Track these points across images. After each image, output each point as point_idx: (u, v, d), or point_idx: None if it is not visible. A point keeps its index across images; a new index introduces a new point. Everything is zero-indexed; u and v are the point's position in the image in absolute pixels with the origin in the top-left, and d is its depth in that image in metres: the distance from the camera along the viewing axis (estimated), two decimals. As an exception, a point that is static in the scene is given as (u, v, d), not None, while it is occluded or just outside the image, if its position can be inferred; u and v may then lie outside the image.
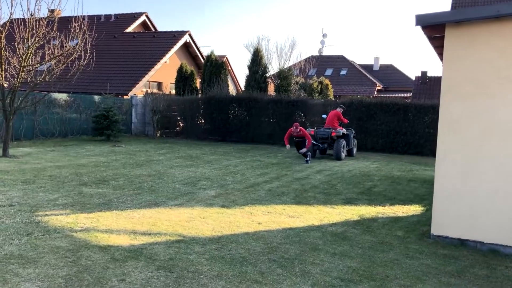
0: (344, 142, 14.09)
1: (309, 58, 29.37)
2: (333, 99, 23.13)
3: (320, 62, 38.71)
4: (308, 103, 18.49)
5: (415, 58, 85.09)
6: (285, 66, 22.20)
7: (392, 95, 31.49)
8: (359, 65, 43.61)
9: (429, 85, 29.12)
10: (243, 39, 48.10)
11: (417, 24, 5.72)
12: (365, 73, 40.98)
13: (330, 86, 23.73)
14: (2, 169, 9.70)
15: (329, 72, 40.46)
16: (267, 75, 21.68)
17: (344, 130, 14.19)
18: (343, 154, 14.08)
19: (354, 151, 15.42)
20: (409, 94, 32.18)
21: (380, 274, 4.54)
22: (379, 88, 39.40)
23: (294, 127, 13.26)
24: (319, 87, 22.85)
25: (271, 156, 14.32)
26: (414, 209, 7.66)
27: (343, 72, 41.25)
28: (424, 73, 29.88)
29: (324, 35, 46.18)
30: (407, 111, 16.94)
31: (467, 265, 4.95)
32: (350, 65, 42.37)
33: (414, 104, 17.25)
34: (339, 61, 42.74)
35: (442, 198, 5.74)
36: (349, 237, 5.77)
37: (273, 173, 10.82)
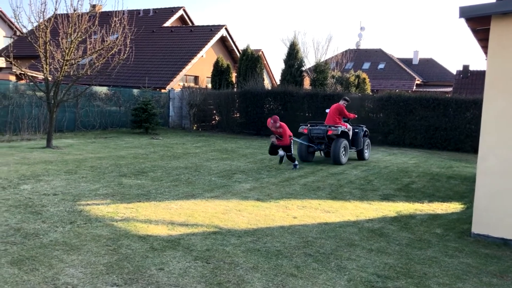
0: (344, 142, 11.27)
1: (346, 51, 28.96)
2: (370, 93, 22.76)
3: (358, 56, 38.13)
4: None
5: (457, 51, 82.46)
6: (322, 60, 21.99)
7: (432, 90, 30.67)
8: (397, 58, 42.63)
9: (471, 80, 28.20)
10: (279, 33, 47.96)
11: (460, 16, 5.54)
12: (404, 67, 40.03)
13: (367, 80, 23.33)
14: (46, 159, 10.09)
15: (366, 65, 39.78)
16: (303, 69, 21.54)
17: (345, 127, 11.54)
18: (344, 158, 11.31)
19: (367, 153, 12.64)
20: (450, 89, 31.24)
21: (418, 271, 4.46)
22: (418, 82, 38.42)
23: (273, 121, 10.19)
24: (356, 81, 22.51)
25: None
26: (454, 207, 7.46)
27: (381, 66, 40.45)
28: (466, 67, 28.94)
29: (362, 28, 45.42)
30: (448, 106, 16.47)
31: (511, 266, 4.79)
32: (389, 58, 41.48)
33: (455, 99, 16.74)
34: (377, 55, 41.92)
35: (484, 196, 5.56)
36: (386, 234, 5.69)
37: (308, 167, 10.77)
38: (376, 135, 17.40)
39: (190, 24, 29.67)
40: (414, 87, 36.56)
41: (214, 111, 21.21)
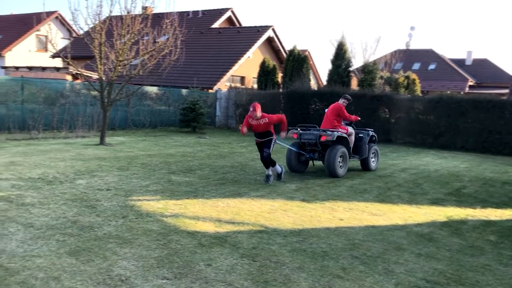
0: (342, 150, 9.27)
1: (395, 51, 28.36)
2: (420, 94, 22.15)
3: (407, 56, 37.18)
4: (393, 99, 17.87)
5: (514, 51, 78.55)
6: (370, 60, 21.62)
7: (486, 91, 29.41)
8: (449, 59, 41.19)
9: (529, 81, 26.79)
10: (326, 34, 47.57)
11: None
12: (456, 67, 38.63)
13: (417, 81, 22.71)
14: (99, 156, 10.53)
15: (416, 66, 38.68)
16: (351, 69, 21.26)
17: (345, 132, 9.58)
18: (341, 169, 9.29)
19: (374, 163, 10.57)
20: (506, 91, 29.81)
21: (469, 279, 4.32)
22: (471, 83, 36.95)
23: (251, 109, 8.26)
24: (405, 81, 21.96)
25: (352, 152, 14.05)
26: (509, 213, 7.14)
27: (432, 66, 39.22)
28: (524, 68, 27.50)
29: (412, 28, 44.27)
30: (503, 109, 15.76)
31: None
32: (440, 59, 40.15)
33: (511, 101, 15.98)
34: (428, 55, 40.67)
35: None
36: (435, 239, 5.54)
37: (354, 169, 10.63)
38: (426, 138, 16.93)
39: (238, 25, 29.98)
40: (467, 89, 35.20)
41: (260, 111, 21.29)
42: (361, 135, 10.28)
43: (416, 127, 17.21)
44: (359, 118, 10.48)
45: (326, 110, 10.11)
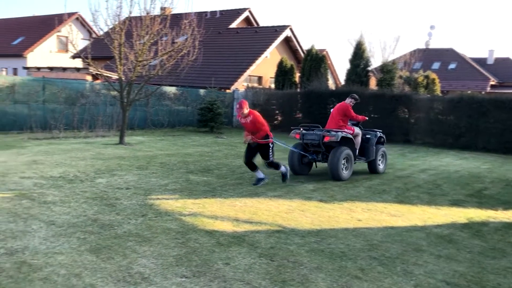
0: (346, 152, 8.83)
1: (414, 51, 28.04)
2: (440, 94, 21.85)
3: (427, 55, 36.69)
4: (412, 98, 17.67)
5: (537, 50, 76.85)
6: (389, 59, 21.42)
7: (509, 91, 28.83)
8: (470, 58, 40.48)
9: (553, 80, 26.21)
10: (344, 33, 47.24)
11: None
12: (477, 67, 37.95)
13: (437, 80, 22.39)
14: (119, 155, 10.67)
15: (436, 65, 38.13)
16: (369, 68, 21.10)
17: (351, 132, 9.20)
18: (345, 172, 8.87)
19: (381, 165, 10.02)
20: (529, 90, 29.20)
21: (491, 281, 4.25)
22: (493, 83, 36.28)
23: (238, 106, 7.77)
24: (425, 81, 21.68)
25: (371, 153, 13.93)
26: (532, 216, 7.00)
27: (452, 65, 38.62)
28: (548, 67, 26.92)
29: (432, 27, 43.74)
30: (527, 108, 15.42)
31: None
32: (460, 58, 39.51)
33: (534, 101, 15.64)
34: (448, 54, 40.05)
35: None
36: (455, 240, 5.47)
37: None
38: (446, 138, 16.69)
39: (256, 25, 30.01)
40: (488, 88, 34.57)
41: (277, 111, 21.32)
42: (368, 136, 9.78)
43: (436, 127, 16.98)
44: (367, 118, 10.04)
45: (332, 110, 9.71)
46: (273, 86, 23.79)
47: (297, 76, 23.41)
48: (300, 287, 3.88)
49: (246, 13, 29.91)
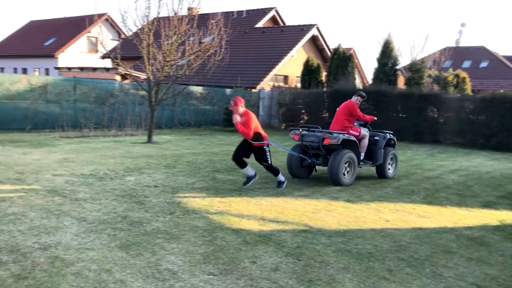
0: (349, 155, 8.15)
1: (444, 49, 27.47)
2: (471, 93, 21.34)
3: (457, 54, 35.87)
4: (441, 98, 17.31)
5: None
6: (418, 58, 21.04)
7: (543, 90, 27.89)
8: (503, 56, 39.36)
9: None
10: (372, 31, 46.68)
11: None
12: (510, 65, 36.87)
13: (467, 79, 21.86)
14: (147, 154, 10.84)
15: (466, 64, 37.28)
16: (397, 67, 20.79)
17: (357, 134, 8.61)
18: (347, 177, 8.20)
19: (391, 170, 9.33)
20: None
21: (524, 285, 4.14)
22: (527, 81, 35.17)
23: (232, 103, 7.37)
24: (455, 80, 21.21)
25: (398, 153, 13.72)
26: None
27: (484, 64, 37.67)
28: None
29: (463, 25, 42.82)
30: None
31: None
32: (493, 56, 38.48)
33: None
34: (479, 52, 39.09)
35: None
36: (487, 243, 5.34)
37: (402, 170, 10.40)
38: (477, 138, 16.30)
39: (282, 24, 29.96)
40: (522, 87, 33.52)
41: (303, 111, 21.24)
42: (377, 138, 9.05)
43: (466, 127, 16.59)
44: (375, 118, 9.28)
45: (337, 109, 9.05)
46: (299, 85, 23.71)
47: (323, 75, 23.26)
48: (327, 287, 3.87)
49: (272, 13, 29.91)
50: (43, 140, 12.53)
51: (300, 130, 8.60)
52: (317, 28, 26.35)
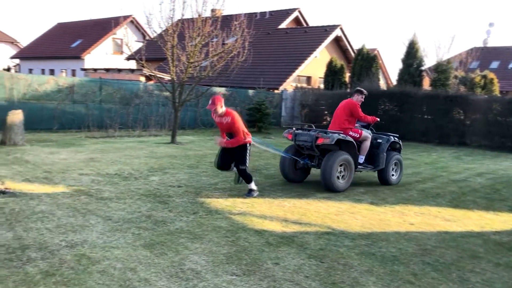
0: (344, 157, 7.54)
1: (471, 49, 26.90)
2: (499, 95, 20.84)
3: (485, 54, 35.10)
4: (468, 99, 16.94)
5: None
6: (443, 59, 20.67)
7: None
8: (533, 56, 38.27)
9: None
10: (396, 32, 46.12)
11: None
12: (540, 65, 35.84)
13: (495, 80, 21.35)
14: (171, 154, 10.95)
15: (494, 64, 36.37)
16: (423, 68, 20.47)
17: (356, 135, 8.00)
18: (341, 182, 7.61)
19: (395, 176, 8.61)
20: None
21: (555, 293, 4.02)
22: (557, 82, 34.12)
23: (210, 102, 6.68)
24: (482, 81, 20.74)
25: (423, 155, 13.54)
26: None
27: (512, 64, 36.70)
28: None
29: (491, 24, 41.78)
30: None
31: None
32: (522, 56, 37.45)
33: None
34: (508, 52, 38.08)
35: None
36: (516, 248, 5.20)
37: (427, 172, 10.23)
38: (505, 141, 15.89)
39: (305, 25, 29.85)
40: (553, 88, 32.54)
41: (326, 112, 21.11)
42: (380, 140, 8.37)
43: (494, 129, 16.19)
44: (378, 120, 8.57)
45: (337, 108, 8.37)
46: (322, 86, 23.57)
47: (347, 76, 23.08)
48: (351, 290, 3.83)
49: (295, 13, 29.83)
50: (69, 140, 12.80)
51: (294, 129, 8.08)
52: (341, 29, 26.17)
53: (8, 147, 10.66)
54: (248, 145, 6.89)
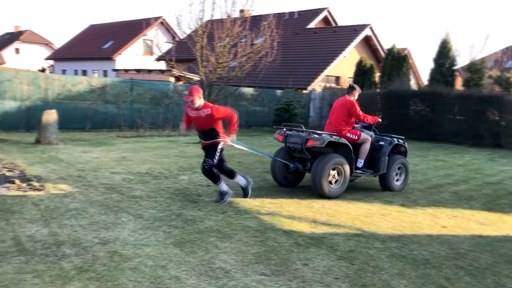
0: (336, 160, 6.90)
1: (507, 48, 26.08)
2: (536, 95, 20.13)
3: (520, 53, 33.96)
4: (504, 99, 16.44)
5: None
6: (477, 58, 20.14)
7: None
8: None
9: None
10: (428, 31, 45.17)
11: None
12: None
13: (532, 80, 20.67)
14: (200, 153, 10.91)
15: (531, 64, 35.19)
16: (455, 68, 20.00)
17: (355, 137, 7.40)
18: (334, 187, 6.96)
19: (398, 182, 7.92)
20: None
21: None
22: None
23: (188, 93, 6.05)
24: (518, 81, 20.10)
25: (456, 157, 13.21)
26: None
27: (550, 63, 35.42)
28: None
29: (527, 22, 40.28)
30: None
31: None
32: (560, 55, 36.11)
33: None
34: (545, 51, 36.79)
35: None
36: (555, 254, 5.02)
37: (459, 174, 9.98)
38: (542, 143, 15.36)
39: (334, 25, 29.61)
40: None
41: (355, 112, 20.86)
42: (382, 143, 7.65)
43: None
44: (379, 120, 7.92)
45: (331, 109, 7.84)
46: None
47: (377, 76, 22.77)
48: (381, 293, 3.78)
49: (324, 13, 29.63)
50: (101, 139, 13.09)
51: (284, 129, 7.57)
52: (371, 28, 25.84)
53: (43, 145, 11.00)
54: (219, 145, 6.25)
